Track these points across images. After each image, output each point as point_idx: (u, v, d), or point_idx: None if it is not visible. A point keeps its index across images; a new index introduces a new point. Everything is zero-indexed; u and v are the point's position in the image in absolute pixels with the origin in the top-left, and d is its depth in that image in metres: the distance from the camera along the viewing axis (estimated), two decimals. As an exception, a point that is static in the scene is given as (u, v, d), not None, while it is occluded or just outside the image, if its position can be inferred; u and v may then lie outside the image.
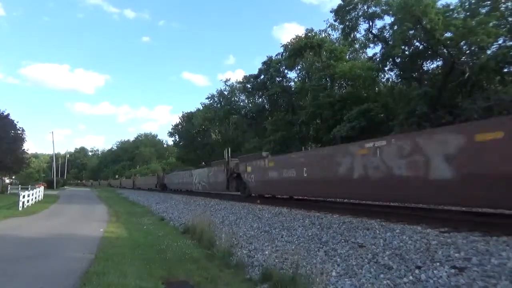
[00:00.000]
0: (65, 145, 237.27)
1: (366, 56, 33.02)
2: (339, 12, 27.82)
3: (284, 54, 38.03)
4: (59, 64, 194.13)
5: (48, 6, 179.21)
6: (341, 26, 29.72)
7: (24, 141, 39.70)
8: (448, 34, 21.84)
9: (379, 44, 27.12)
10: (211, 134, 56.44)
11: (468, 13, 20.62)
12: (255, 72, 42.26)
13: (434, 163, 7.79)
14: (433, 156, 7.84)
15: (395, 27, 23.84)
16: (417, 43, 24.57)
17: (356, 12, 27.19)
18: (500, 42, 19.82)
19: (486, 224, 6.86)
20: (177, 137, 62.77)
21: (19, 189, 32.63)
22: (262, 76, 40.98)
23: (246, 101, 50.66)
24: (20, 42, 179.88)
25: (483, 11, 20.00)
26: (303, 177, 12.76)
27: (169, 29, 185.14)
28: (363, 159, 9.86)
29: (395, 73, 27.92)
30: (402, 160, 8.62)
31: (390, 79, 29.63)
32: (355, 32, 29.08)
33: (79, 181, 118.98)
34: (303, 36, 35.39)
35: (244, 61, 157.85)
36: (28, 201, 21.59)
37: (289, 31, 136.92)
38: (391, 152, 8.97)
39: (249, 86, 43.69)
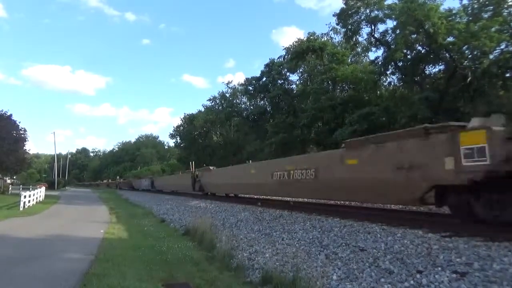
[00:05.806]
0: (66, 146, 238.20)
1: (368, 60, 33.09)
2: (341, 16, 27.88)
3: (286, 56, 38.09)
4: (60, 66, 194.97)
5: (49, 8, 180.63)
6: (343, 29, 29.80)
7: (25, 142, 39.73)
8: (450, 39, 21.81)
9: (381, 47, 27.14)
10: (212, 136, 56.43)
11: (470, 18, 20.60)
12: (255, 74, 42.43)
13: None
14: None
15: (398, 31, 23.84)
16: (419, 47, 24.59)
17: (358, 16, 27.25)
18: (502, 47, 19.78)
19: (488, 229, 6.82)
20: (178, 138, 62.81)
21: (20, 189, 32.73)
22: (264, 79, 41.01)
23: (248, 103, 50.70)
24: (22, 43, 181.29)
25: (486, 16, 19.98)
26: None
27: (169, 32, 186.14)
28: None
29: (397, 76, 27.96)
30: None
31: (392, 83, 29.66)
32: (357, 36, 29.12)
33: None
34: (305, 39, 35.47)
35: (244, 64, 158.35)
36: (29, 201, 21.60)
37: (288, 35, 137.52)
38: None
39: (251, 88, 43.73)
